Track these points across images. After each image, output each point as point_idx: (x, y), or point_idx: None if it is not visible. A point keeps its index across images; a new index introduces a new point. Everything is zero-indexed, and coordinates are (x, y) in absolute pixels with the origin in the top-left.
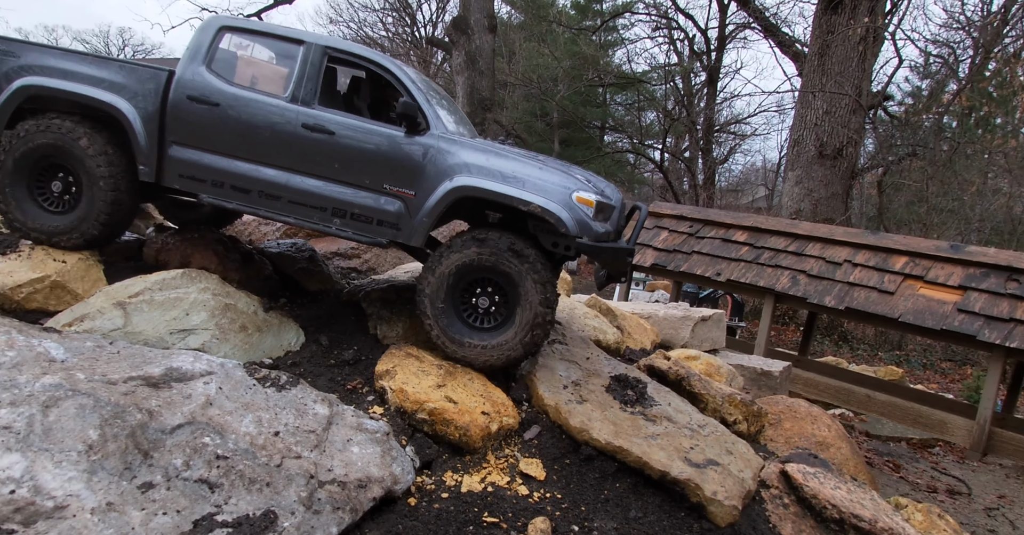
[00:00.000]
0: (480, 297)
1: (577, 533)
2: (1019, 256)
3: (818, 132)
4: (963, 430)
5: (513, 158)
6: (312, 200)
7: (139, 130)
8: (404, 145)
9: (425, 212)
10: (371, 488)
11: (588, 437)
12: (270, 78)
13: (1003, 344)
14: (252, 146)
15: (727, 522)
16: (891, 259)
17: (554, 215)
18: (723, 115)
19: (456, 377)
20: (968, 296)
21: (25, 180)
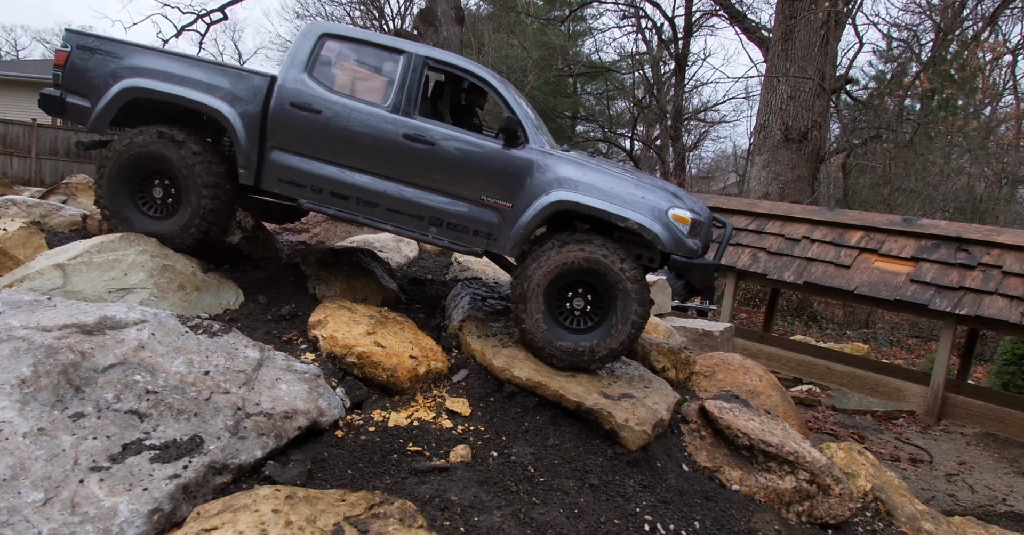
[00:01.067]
0: (575, 299)
1: (496, 458)
2: (968, 227)
3: (783, 116)
4: (918, 396)
5: (608, 173)
6: (410, 208)
7: (241, 134)
8: (503, 158)
9: (522, 224)
10: (296, 419)
11: (510, 375)
12: (370, 86)
13: (953, 311)
14: (352, 154)
15: (637, 445)
16: (847, 234)
17: (651, 231)
18: (693, 103)
19: (387, 326)
20: (920, 267)
21: (127, 187)
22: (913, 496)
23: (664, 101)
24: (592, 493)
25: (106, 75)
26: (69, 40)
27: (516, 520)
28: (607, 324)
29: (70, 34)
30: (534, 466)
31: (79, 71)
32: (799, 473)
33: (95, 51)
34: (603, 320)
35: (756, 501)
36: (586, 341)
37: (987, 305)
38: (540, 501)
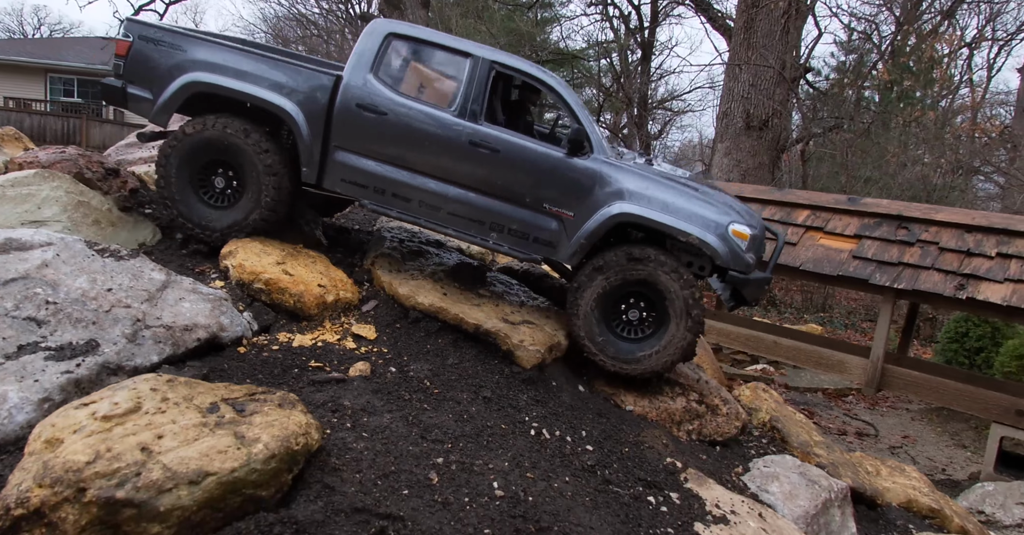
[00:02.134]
0: (631, 310)
1: (394, 373)
2: (908, 206)
3: (745, 104)
4: (859, 369)
5: (670, 186)
6: (471, 213)
7: (305, 133)
8: (567, 167)
9: (584, 234)
10: (196, 331)
11: (415, 302)
12: (436, 89)
13: (892, 286)
14: (416, 157)
15: (532, 364)
16: (795, 213)
17: (711, 247)
18: (660, 92)
19: (298, 259)
20: (862, 244)
21: (190, 175)
22: (814, 431)
23: (630, 89)
24: (484, 404)
25: (169, 67)
26: (131, 30)
27: (405, 422)
28: (665, 331)
29: (132, 24)
30: (430, 380)
31: (141, 62)
32: (690, 394)
33: (158, 42)
34: (661, 328)
35: (649, 420)
36: (645, 349)
37: (923, 279)
38: (431, 408)
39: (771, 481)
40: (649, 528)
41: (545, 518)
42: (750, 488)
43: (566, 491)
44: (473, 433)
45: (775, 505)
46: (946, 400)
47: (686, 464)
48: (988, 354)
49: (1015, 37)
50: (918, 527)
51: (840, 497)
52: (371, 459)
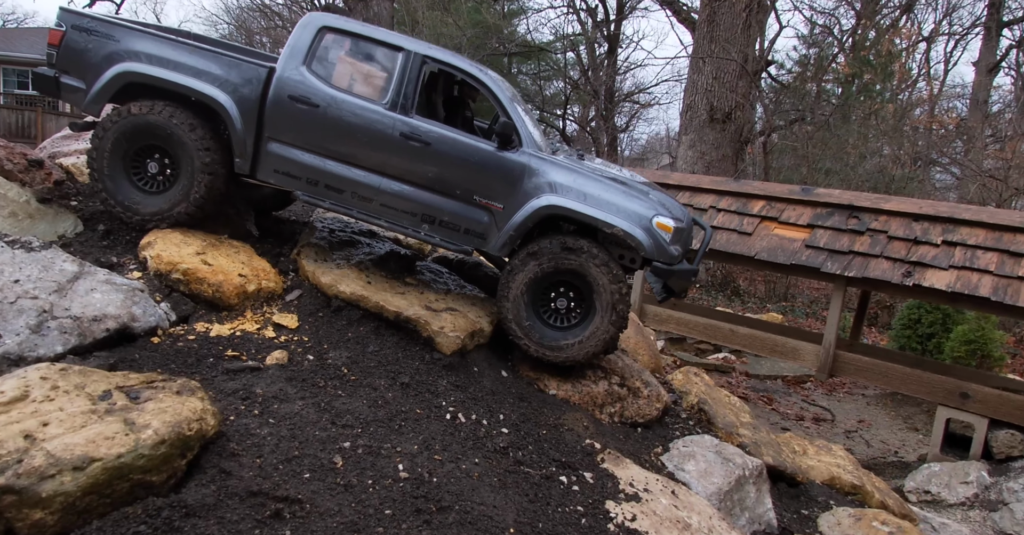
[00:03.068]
0: (560, 298)
1: (312, 361)
2: (859, 196)
3: (709, 97)
4: (812, 355)
5: (598, 180)
6: (403, 205)
7: (238, 124)
8: (496, 160)
9: (513, 226)
10: (105, 321)
11: (336, 291)
12: (368, 81)
13: (843, 274)
14: (349, 148)
15: (452, 350)
16: (750, 203)
17: (636, 239)
18: (627, 85)
19: (220, 249)
20: (815, 233)
21: (124, 154)
22: (745, 413)
23: (597, 82)
24: (401, 390)
25: (102, 57)
26: (64, 19)
27: (316, 408)
28: (591, 320)
29: (65, 13)
30: (348, 368)
31: (74, 52)
32: (612, 378)
33: (91, 32)
34: (587, 316)
35: (571, 403)
36: (569, 338)
37: (873, 267)
38: (346, 394)
39: (687, 460)
40: (558, 506)
41: (447, 498)
42: (667, 467)
43: (473, 472)
44: (386, 418)
45: (689, 483)
46: (895, 384)
47: (605, 445)
48: (939, 340)
49: (970, 32)
50: (838, 503)
51: (755, 474)
52: (274, 444)
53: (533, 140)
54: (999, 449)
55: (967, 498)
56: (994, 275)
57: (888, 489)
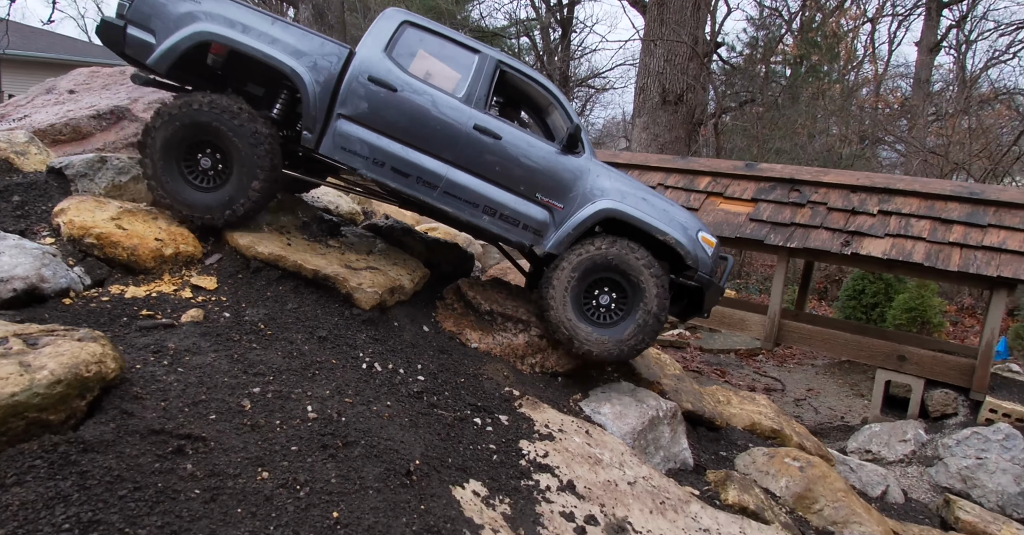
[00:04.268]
0: (602, 296)
1: (228, 318)
2: (800, 169)
3: (660, 79)
4: (758, 324)
5: (648, 191)
6: (467, 195)
7: (312, 97)
8: (562, 162)
9: (572, 225)
10: (12, 282)
11: (255, 252)
12: (444, 76)
13: (785, 245)
14: (421, 135)
15: (371, 305)
16: (697, 179)
17: (684, 248)
18: (582, 70)
19: (137, 215)
20: (759, 207)
21: (175, 157)
22: (671, 367)
23: (552, 68)
24: (318, 343)
25: (180, 14)
26: None
27: (229, 360)
28: (633, 317)
29: None
30: (265, 324)
31: (151, 4)
32: (532, 330)
33: None
34: (630, 313)
35: (493, 355)
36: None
37: (813, 238)
38: (260, 347)
39: (604, 404)
40: (470, 444)
41: (354, 434)
42: (584, 411)
43: (384, 413)
44: (300, 367)
45: (605, 424)
46: (837, 350)
47: (524, 392)
48: (882, 309)
49: (912, 13)
50: (757, 446)
51: (669, 415)
52: (181, 390)
53: (591, 147)
54: (934, 408)
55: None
56: (927, 242)
57: (808, 433)
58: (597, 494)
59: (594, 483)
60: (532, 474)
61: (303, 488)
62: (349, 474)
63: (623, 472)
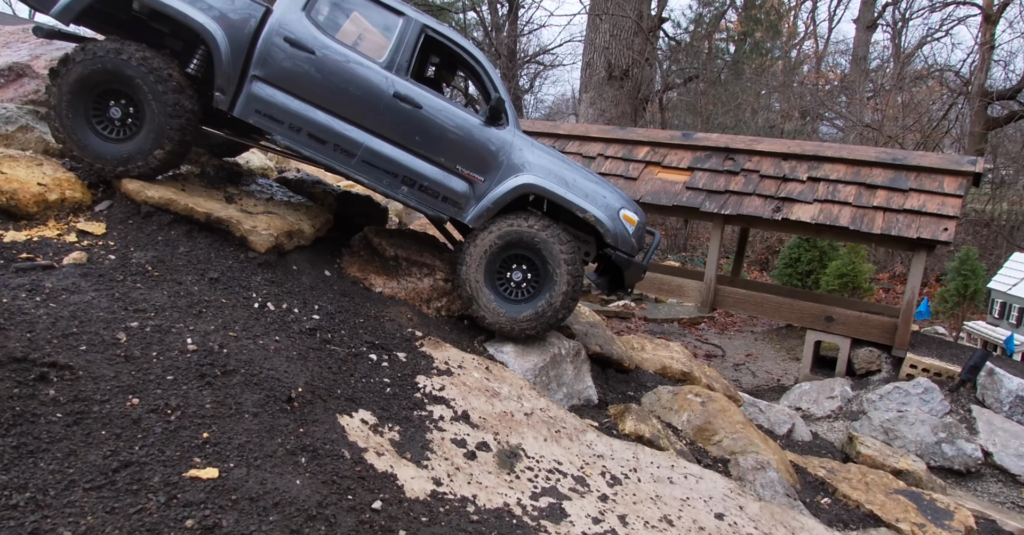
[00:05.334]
0: (514, 271)
1: (113, 261)
2: (735, 138)
3: (606, 55)
4: (695, 290)
5: (572, 166)
6: (386, 164)
7: (225, 57)
8: (484, 134)
9: (492, 199)
10: None
11: (145, 196)
12: (366, 40)
13: (720, 212)
14: (339, 101)
15: (266, 248)
16: (636, 149)
17: (604, 226)
18: (532, 46)
19: (19, 161)
20: (695, 175)
21: (83, 106)
22: (589, 316)
23: (499, 43)
24: (209, 284)
25: None
26: None
27: (109, 298)
28: (543, 295)
29: None
30: (153, 266)
31: None
32: (437, 274)
33: None
34: (540, 292)
35: (398, 299)
36: (524, 311)
37: (746, 205)
38: (145, 288)
39: (507, 344)
40: (362, 378)
41: (234, 364)
42: (488, 351)
43: (270, 346)
44: (185, 306)
45: (506, 362)
46: (769, 313)
47: (427, 333)
48: (817, 276)
49: None
50: (665, 386)
51: (573, 353)
52: (50, 323)
53: (516, 120)
54: (860, 365)
55: (832, 411)
56: (853, 206)
57: (719, 377)
58: (492, 424)
59: (490, 414)
60: (426, 405)
61: (175, 412)
62: (225, 400)
63: (520, 404)
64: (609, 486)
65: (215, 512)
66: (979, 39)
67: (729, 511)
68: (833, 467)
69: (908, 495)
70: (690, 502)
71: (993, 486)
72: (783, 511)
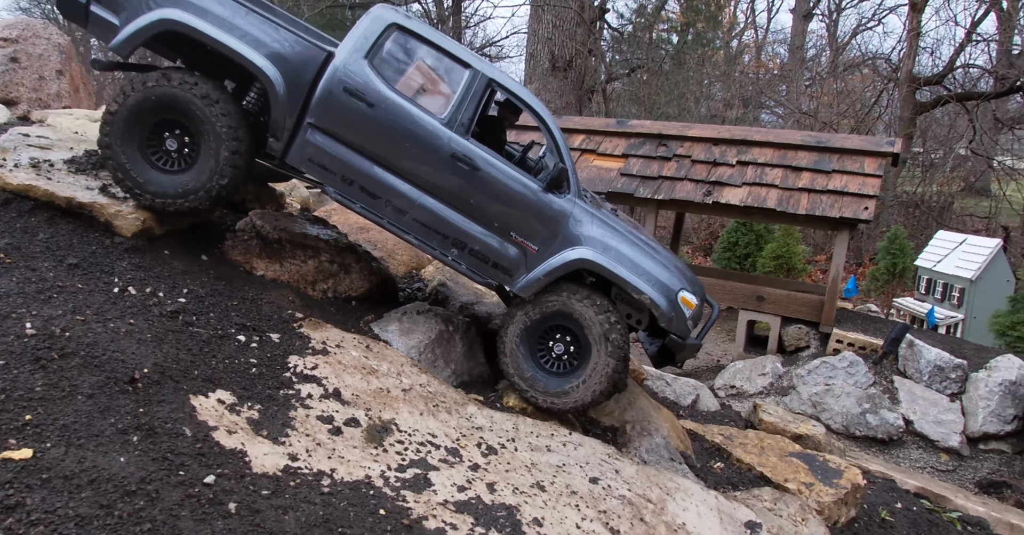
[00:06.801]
0: (556, 344)
1: None
2: (667, 125)
3: (550, 46)
4: None
5: (632, 242)
6: (437, 225)
7: (281, 102)
8: (542, 201)
9: (545, 270)
10: None
11: (3, 183)
12: (429, 92)
13: (653, 197)
14: (395, 156)
15: (133, 232)
16: (571, 137)
17: (660, 310)
18: (478, 40)
19: None
20: (629, 162)
21: (138, 137)
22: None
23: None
24: (67, 270)
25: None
26: None
27: None
28: (585, 367)
29: None
30: (6, 253)
31: None
32: (322, 256)
33: None
34: (583, 363)
35: (280, 282)
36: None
37: (679, 190)
38: None
39: (392, 323)
40: (225, 359)
41: (74, 347)
42: (373, 331)
43: (122, 330)
44: (34, 292)
45: (391, 341)
46: None
47: (309, 315)
48: (754, 259)
49: None
50: None
51: (462, 330)
52: None
53: (579, 189)
54: (789, 342)
55: (764, 387)
56: (779, 188)
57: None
58: (365, 400)
59: (364, 391)
60: (295, 384)
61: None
62: (59, 383)
63: (400, 381)
64: (483, 456)
65: (20, 491)
66: (907, 26)
67: (605, 475)
68: (731, 434)
69: (802, 457)
70: (566, 468)
71: (914, 452)
72: (660, 473)
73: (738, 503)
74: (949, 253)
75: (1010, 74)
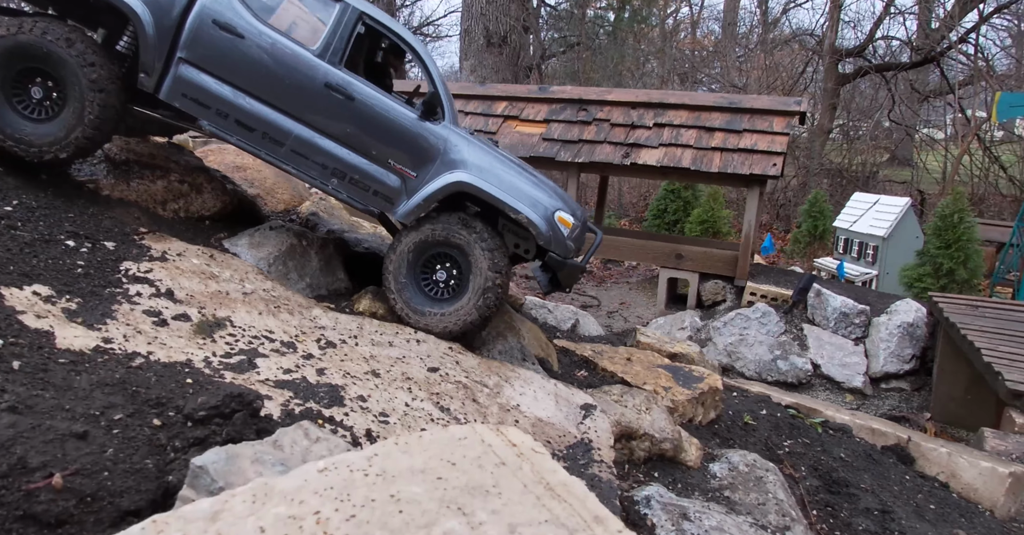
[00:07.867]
0: (440, 271)
1: None
2: (588, 90)
3: (484, 21)
4: None
5: (509, 166)
6: (315, 155)
7: (151, 38)
8: (418, 129)
9: (424, 196)
10: None
11: None
12: (299, 25)
13: (574, 161)
14: (269, 88)
15: None
16: (494, 105)
17: (537, 228)
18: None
19: None
20: (550, 127)
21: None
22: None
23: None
24: None
25: None
26: None
27: None
28: (457, 300)
29: None
30: None
31: None
32: (171, 176)
33: None
34: (457, 296)
35: (128, 201)
36: (435, 309)
37: (599, 152)
38: None
39: (243, 238)
40: (49, 259)
41: None
42: (224, 246)
43: None
44: None
45: (239, 253)
46: (626, 255)
47: (155, 230)
48: (682, 225)
49: None
50: None
51: (317, 245)
52: None
53: (454, 116)
54: (707, 297)
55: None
56: (694, 148)
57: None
58: (200, 300)
59: (200, 292)
60: (124, 284)
61: None
62: None
63: (242, 286)
64: (320, 349)
65: None
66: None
67: (444, 366)
68: (602, 350)
69: (668, 368)
70: (405, 360)
71: (822, 394)
72: (503, 365)
73: (579, 390)
74: (864, 213)
75: (925, 45)
